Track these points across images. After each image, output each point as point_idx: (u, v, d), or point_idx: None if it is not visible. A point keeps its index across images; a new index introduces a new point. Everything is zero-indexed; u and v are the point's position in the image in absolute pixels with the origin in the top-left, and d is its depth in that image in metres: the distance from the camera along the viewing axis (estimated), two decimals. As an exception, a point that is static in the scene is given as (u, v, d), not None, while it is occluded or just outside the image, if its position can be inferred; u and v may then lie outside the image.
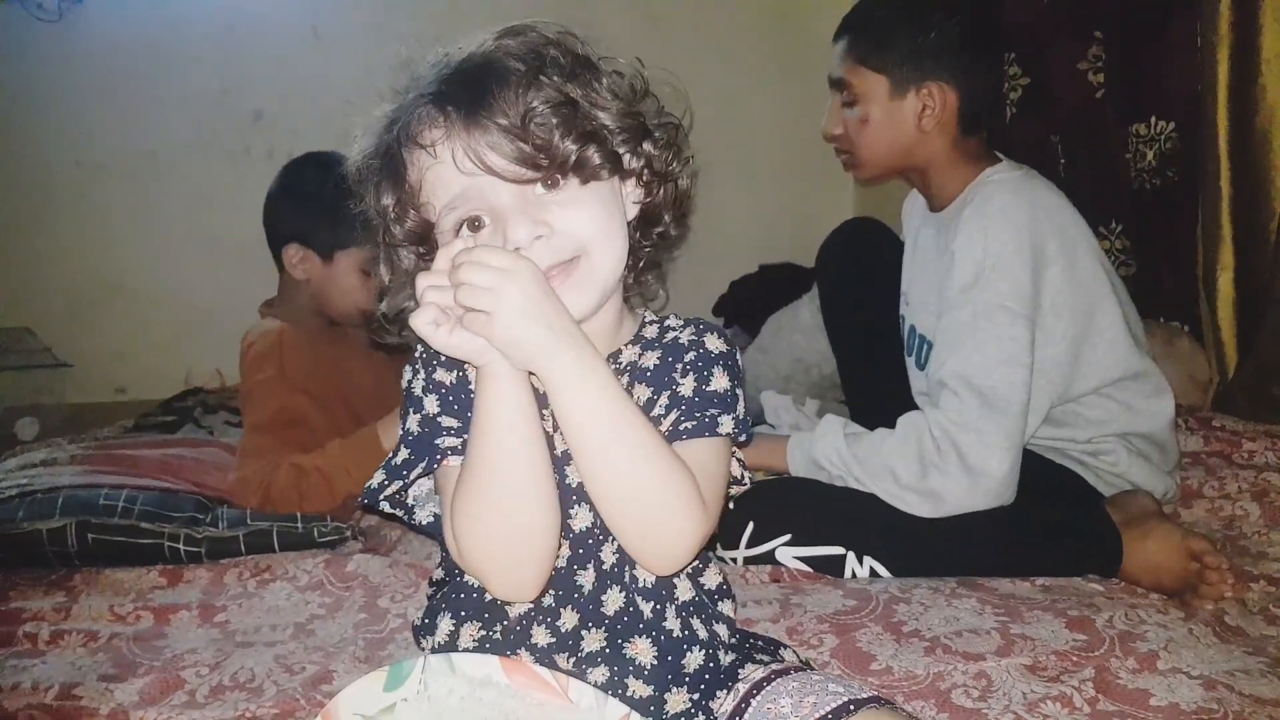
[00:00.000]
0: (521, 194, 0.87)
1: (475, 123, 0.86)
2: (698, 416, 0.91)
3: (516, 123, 0.85)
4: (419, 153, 0.88)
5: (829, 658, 1.21)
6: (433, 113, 0.88)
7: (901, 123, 1.58)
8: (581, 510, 0.92)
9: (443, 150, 0.87)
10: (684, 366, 0.95)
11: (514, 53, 0.88)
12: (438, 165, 0.87)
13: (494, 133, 0.85)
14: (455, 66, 0.90)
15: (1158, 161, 2.37)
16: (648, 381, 0.95)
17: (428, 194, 0.89)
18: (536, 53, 0.89)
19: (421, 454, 0.92)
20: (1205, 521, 1.65)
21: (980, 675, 1.15)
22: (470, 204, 0.88)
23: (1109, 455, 1.56)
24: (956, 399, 1.44)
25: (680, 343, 0.97)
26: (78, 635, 1.33)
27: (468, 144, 0.86)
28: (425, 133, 0.88)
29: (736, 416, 0.93)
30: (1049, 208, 1.51)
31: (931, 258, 1.65)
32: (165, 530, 1.57)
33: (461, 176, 0.87)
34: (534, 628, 0.90)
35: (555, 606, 0.91)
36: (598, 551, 0.92)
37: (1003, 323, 1.44)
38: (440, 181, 0.88)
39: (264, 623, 1.38)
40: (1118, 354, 1.53)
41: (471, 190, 0.87)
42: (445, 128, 0.87)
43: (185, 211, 3.33)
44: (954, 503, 1.42)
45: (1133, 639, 1.22)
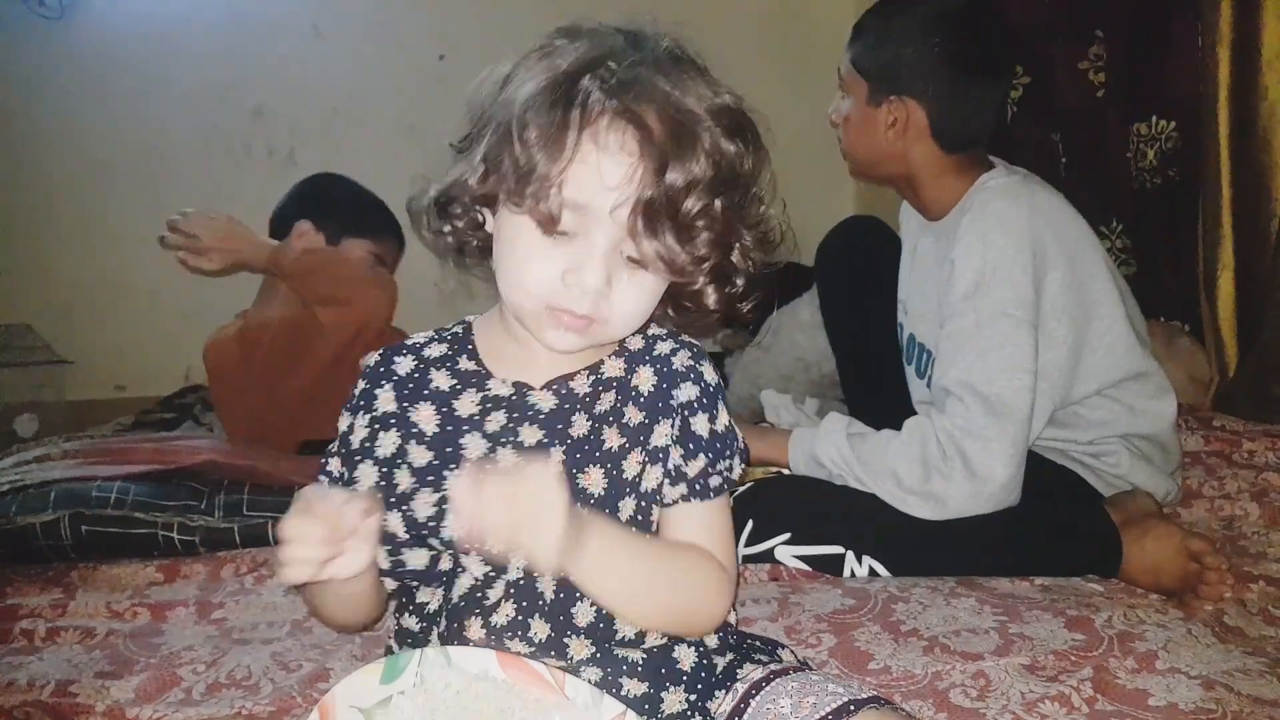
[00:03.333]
0: (616, 247, 0.86)
1: (658, 178, 0.83)
2: (719, 471, 0.95)
3: (686, 217, 0.84)
4: (590, 148, 0.83)
5: (827, 657, 1.20)
6: (629, 132, 0.83)
7: (873, 130, 1.59)
8: None
9: (613, 168, 0.83)
10: (691, 403, 0.95)
11: (719, 145, 0.86)
12: (593, 172, 0.83)
13: (664, 208, 0.83)
14: (670, 104, 0.84)
15: (1159, 161, 2.38)
16: (642, 405, 0.95)
17: (561, 165, 0.83)
18: (737, 160, 0.87)
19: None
20: (1205, 521, 1.65)
21: (979, 675, 1.14)
22: (579, 219, 0.84)
23: (1111, 457, 1.56)
24: (962, 405, 1.43)
25: (675, 368, 0.96)
26: (74, 632, 1.33)
27: (637, 190, 0.83)
28: (613, 135, 0.82)
29: (741, 450, 0.97)
30: (1048, 211, 1.51)
31: (931, 267, 1.65)
32: (159, 520, 1.56)
33: (599, 201, 0.83)
34: (506, 643, 0.89)
35: (522, 619, 0.89)
36: None
37: (1005, 330, 1.43)
38: (581, 183, 0.83)
39: (261, 620, 1.37)
40: (1119, 355, 1.53)
41: (592, 214, 0.84)
42: (630, 157, 0.82)
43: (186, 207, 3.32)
44: (956, 507, 1.42)
45: (1131, 639, 1.21)
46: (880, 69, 1.56)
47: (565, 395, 0.94)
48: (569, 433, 0.92)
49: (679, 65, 0.88)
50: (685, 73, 0.87)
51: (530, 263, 0.87)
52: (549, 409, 0.93)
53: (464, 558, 0.90)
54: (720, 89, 0.89)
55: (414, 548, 0.92)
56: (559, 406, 0.94)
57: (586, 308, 0.86)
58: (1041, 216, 1.49)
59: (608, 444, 0.93)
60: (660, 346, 0.98)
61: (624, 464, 0.92)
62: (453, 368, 0.97)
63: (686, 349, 0.98)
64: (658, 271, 0.87)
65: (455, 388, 0.95)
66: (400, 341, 1.00)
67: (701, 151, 0.84)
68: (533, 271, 0.87)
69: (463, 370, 0.96)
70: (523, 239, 0.87)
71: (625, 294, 0.88)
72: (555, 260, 0.86)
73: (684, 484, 0.94)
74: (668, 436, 0.94)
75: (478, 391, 0.95)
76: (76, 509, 1.54)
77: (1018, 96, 2.73)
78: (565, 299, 0.86)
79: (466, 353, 0.98)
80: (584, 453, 0.92)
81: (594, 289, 0.85)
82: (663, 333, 0.99)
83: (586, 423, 0.93)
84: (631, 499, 0.92)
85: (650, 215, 0.83)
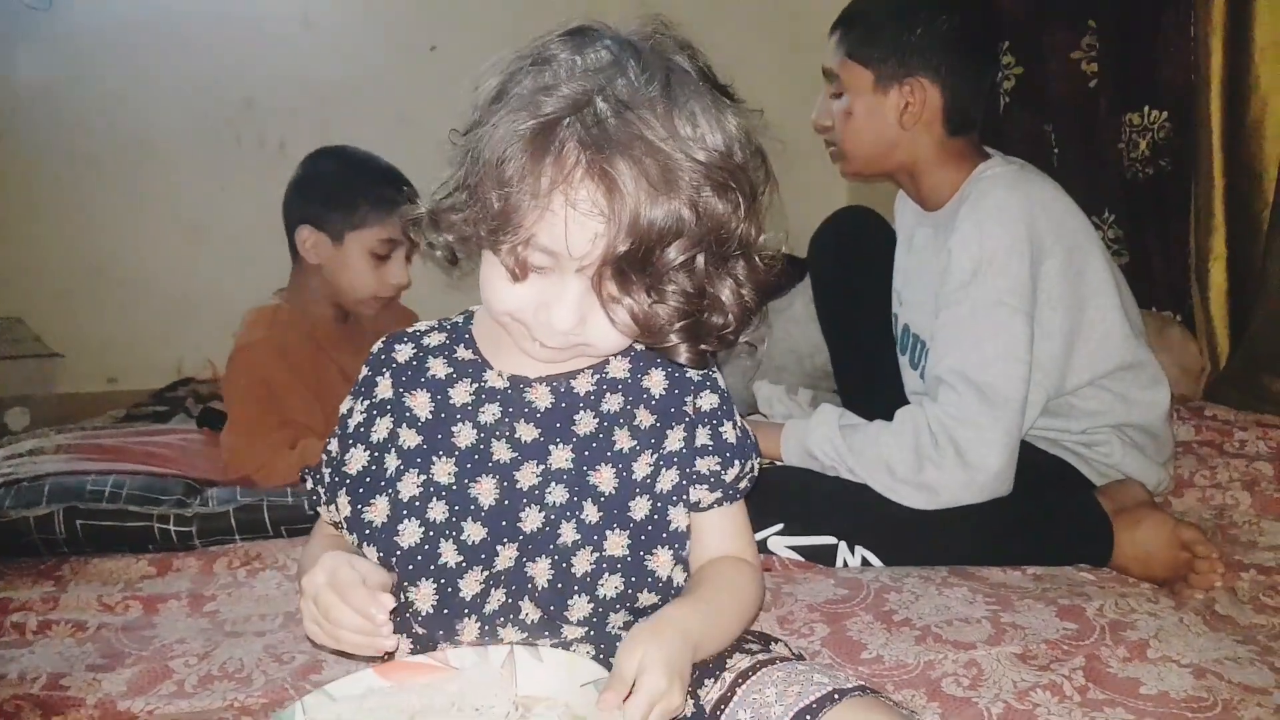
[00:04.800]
0: (588, 293, 0.85)
1: (632, 237, 0.80)
2: (747, 473, 0.98)
3: (659, 280, 0.83)
4: (563, 194, 0.80)
5: (820, 646, 1.20)
6: (608, 180, 0.79)
7: (883, 118, 1.57)
8: (531, 511, 0.91)
9: (581, 226, 0.80)
10: (716, 411, 0.96)
11: (702, 202, 0.83)
12: (564, 226, 0.80)
13: (635, 269, 0.82)
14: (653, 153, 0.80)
15: (1151, 151, 2.37)
16: (653, 408, 0.95)
17: (534, 215, 0.81)
18: (721, 215, 0.84)
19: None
20: (1196, 510, 1.65)
21: (971, 664, 1.14)
22: (551, 261, 0.83)
23: (1103, 446, 1.56)
24: (955, 394, 1.43)
25: (690, 375, 0.96)
26: (66, 625, 1.33)
27: (608, 246, 0.81)
28: (584, 194, 0.80)
29: (755, 445, 1.00)
30: (1044, 201, 1.51)
31: (928, 257, 1.64)
32: (154, 513, 1.56)
33: (568, 251, 0.81)
34: (500, 630, 0.90)
35: (513, 602, 0.90)
36: (558, 556, 0.90)
37: (1001, 319, 1.43)
38: (553, 231, 0.81)
39: (253, 612, 1.37)
40: (1113, 345, 1.53)
41: (563, 262, 0.83)
42: (603, 211, 0.80)
43: (176, 199, 3.32)
44: (949, 496, 1.42)
45: (1123, 628, 1.22)
46: (888, 53, 1.55)
47: (565, 393, 0.95)
48: (573, 430, 0.93)
49: (680, 95, 0.83)
50: (684, 107, 0.83)
51: (505, 292, 0.87)
52: (545, 406, 0.94)
53: (444, 543, 0.90)
54: (724, 122, 0.85)
55: (396, 533, 0.91)
56: (556, 404, 0.94)
57: (561, 341, 0.87)
58: (1038, 206, 1.49)
59: (618, 444, 0.93)
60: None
61: (635, 465, 0.93)
62: (450, 356, 0.98)
63: None
64: (628, 330, 0.86)
65: (451, 376, 0.96)
66: (402, 330, 1.02)
67: (681, 206, 0.81)
68: (508, 301, 0.87)
69: (460, 359, 0.97)
70: (497, 270, 0.86)
71: (599, 326, 0.87)
72: (530, 292, 0.86)
73: (720, 490, 0.96)
74: (682, 441, 0.94)
75: (473, 381, 0.96)
76: (71, 503, 1.54)
77: (1010, 87, 2.72)
78: (538, 329, 0.87)
79: (464, 342, 0.99)
80: (593, 451, 0.93)
81: (564, 330, 0.85)
82: None
83: (594, 420, 0.94)
84: (645, 499, 0.92)
85: (619, 272, 0.82)
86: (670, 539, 0.93)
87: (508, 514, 0.91)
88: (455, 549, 0.90)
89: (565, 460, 0.93)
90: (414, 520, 0.90)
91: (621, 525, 0.91)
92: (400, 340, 1.00)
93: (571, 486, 0.92)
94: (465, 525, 0.90)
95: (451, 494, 0.91)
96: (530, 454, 0.93)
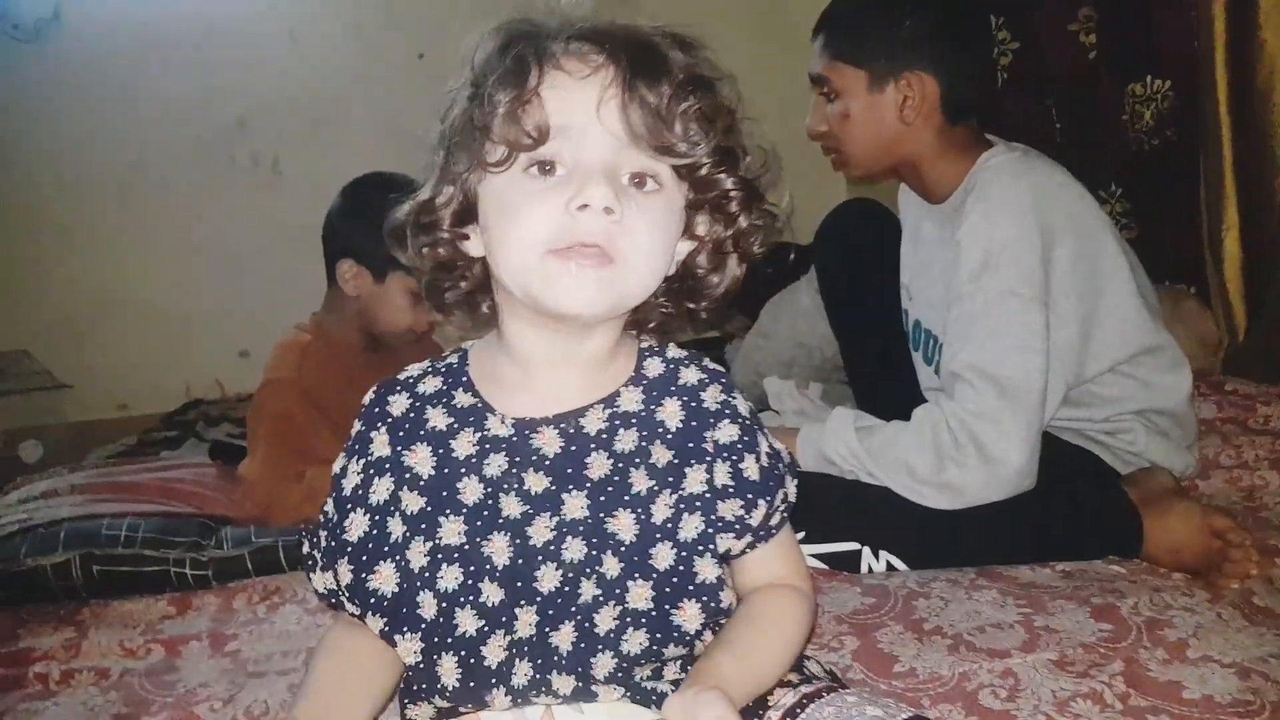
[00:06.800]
0: (615, 169, 0.81)
1: (633, 80, 0.80)
2: (778, 507, 0.93)
3: (670, 105, 0.81)
4: (556, 73, 0.81)
5: (850, 660, 1.18)
6: (588, 49, 0.81)
7: (883, 116, 1.54)
8: (548, 570, 0.85)
9: (583, 82, 0.81)
10: (735, 444, 0.90)
11: (677, 42, 0.85)
12: (565, 92, 0.81)
13: (644, 101, 0.80)
14: (619, 27, 0.84)
15: (1155, 122, 2.33)
16: (670, 443, 0.89)
17: (530, 90, 0.81)
18: (697, 66, 0.85)
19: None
20: (1224, 493, 1.62)
21: (1007, 673, 1.12)
22: (563, 145, 0.80)
23: (1127, 434, 1.53)
24: (972, 389, 1.40)
25: (707, 406, 0.91)
26: (88, 674, 1.31)
27: (616, 93, 0.80)
28: (574, 60, 0.81)
29: (789, 466, 0.96)
30: (1051, 186, 1.48)
31: (935, 251, 1.62)
32: (170, 556, 1.55)
33: (580, 115, 0.80)
34: (532, 701, 0.86)
35: (542, 676, 0.85)
36: (580, 616, 0.85)
37: (1014, 309, 1.41)
38: (556, 107, 0.80)
39: (275, 650, 1.35)
40: (1130, 330, 1.50)
41: (577, 132, 0.80)
42: (596, 68, 0.81)
43: (174, 223, 3.32)
44: (973, 495, 1.39)
45: (1160, 626, 1.19)
46: (879, 50, 1.52)
47: (574, 435, 0.89)
48: (585, 475, 0.87)
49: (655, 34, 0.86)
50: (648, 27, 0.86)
51: (525, 209, 0.81)
52: (555, 452, 0.88)
53: (460, 611, 0.85)
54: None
55: (408, 604, 0.86)
56: (565, 448, 0.88)
57: (599, 235, 0.79)
58: (1045, 192, 1.46)
59: (635, 487, 0.88)
60: (685, 375, 0.93)
61: (653, 507, 0.87)
62: (449, 404, 0.91)
63: (715, 381, 0.93)
64: (659, 173, 0.83)
65: (452, 426, 0.90)
66: (394, 377, 0.96)
67: (662, 52, 0.83)
68: (531, 216, 0.81)
69: (459, 407, 0.91)
70: (513, 190, 0.82)
71: (636, 222, 0.81)
72: (553, 197, 0.80)
73: (750, 534, 0.91)
74: (704, 484, 0.88)
75: (475, 430, 0.89)
76: (87, 549, 1.53)
77: (1006, 64, 2.68)
78: (573, 230, 0.79)
79: (462, 385, 0.92)
80: (609, 495, 0.87)
81: (602, 201, 0.78)
82: (684, 356, 0.95)
83: (608, 462, 0.88)
84: (669, 547, 0.87)
85: (634, 104, 0.80)
86: (697, 591, 0.86)
87: (523, 574, 0.85)
88: (474, 614, 0.85)
89: (580, 509, 0.87)
90: (428, 592, 0.86)
91: (644, 575, 0.86)
92: (393, 390, 0.93)
93: (589, 538, 0.86)
94: (482, 587, 0.85)
95: (464, 555, 0.86)
96: (542, 506, 0.87)
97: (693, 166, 0.84)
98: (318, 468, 1.73)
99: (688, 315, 0.94)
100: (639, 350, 0.94)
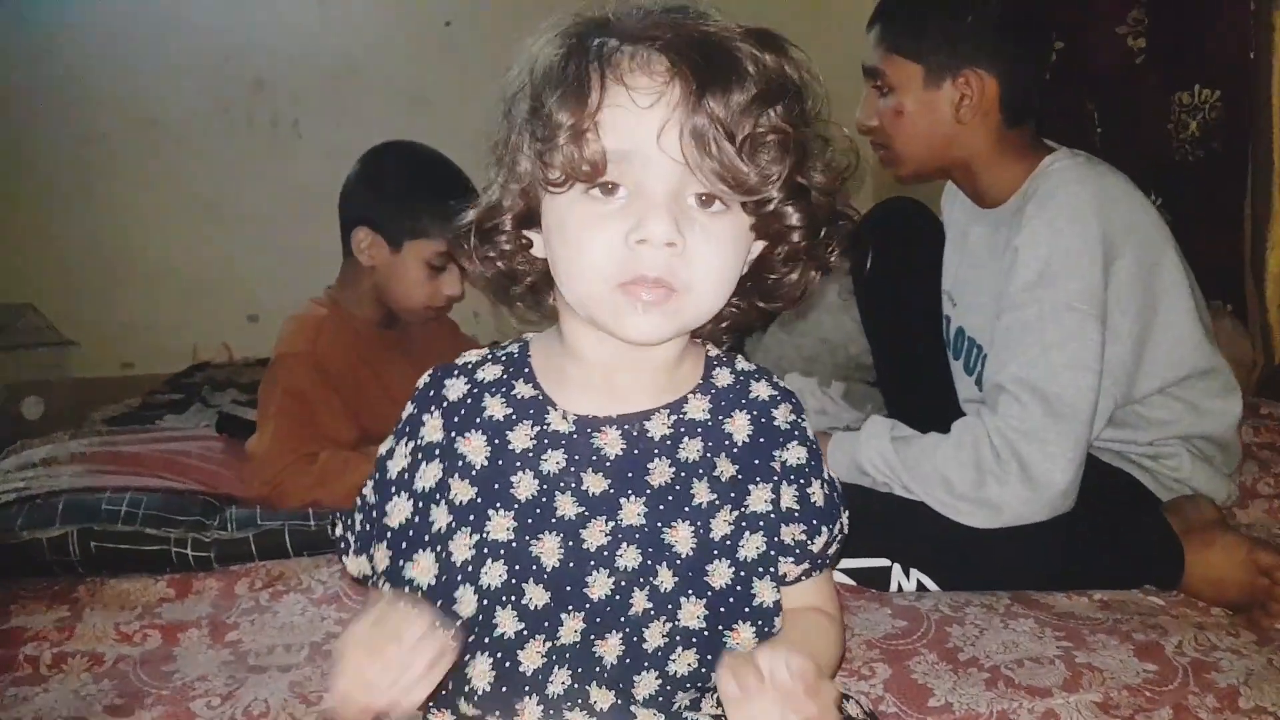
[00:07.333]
0: (678, 192, 0.77)
1: (700, 99, 0.74)
2: (836, 537, 0.90)
3: (741, 128, 0.75)
4: (618, 89, 0.76)
5: (883, 691, 1.13)
6: (655, 59, 0.76)
7: (938, 114, 1.47)
8: (600, 576, 0.82)
9: (647, 102, 0.75)
10: (803, 468, 0.87)
11: (756, 56, 0.78)
12: (627, 113, 0.75)
13: (713, 123, 0.74)
14: (692, 29, 0.78)
15: (1201, 132, 2.27)
16: (736, 458, 0.86)
17: (590, 114, 0.77)
18: (781, 70, 0.79)
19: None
20: (1264, 524, 1.57)
21: (1049, 714, 1.07)
22: (626, 169, 0.76)
23: (1171, 460, 1.47)
24: (1018, 404, 1.34)
25: (778, 424, 0.88)
26: (81, 658, 1.25)
27: (680, 115, 0.75)
28: (638, 74, 0.76)
29: (843, 497, 0.92)
30: (1117, 196, 1.41)
31: (984, 257, 1.55)
32: (171, 535, 1.49)
33: (642, 140, 0.75)
34: (566, 715, 0.81)
35: (580, 686, 0.81)
36: (629, 629, 0.82)
37: (1070, 324, 1.34)
38: (617, 129, 0.75)
39: (278, 642, 1.30)
40: (1184, 350, 1.44)
41: (639, 158, 0.75)
42: (662, 84, 0.75)
43: (189, 182, 3.26)
44: (1011, 514, 1.33)
45: (1207, 669, 1.14)
46: (938, 45, 1.45)
47: (637, 438, 0.84)
48: (647, 481, 0.83)
49: (689, 9, 0.80)
50: (698, 13, 0.80)
51: (587, 238, 0.77)
52: (616, 454, 0.83)
53: (500, 611, 0.81)
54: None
55: (445, 598, 0.82)
56: (628, 451, 0.84)
57: (660, 268, 0.76)
58: (1111, 202, 1.39)
59: (696, 498, 0.84)
60: (756, 389, 0.89)
61: (713, 522, 0.84)
62: (508, 394, 0.86)
63: (786, 400, 0.90)
64: (726, 196, 0.77)
65: (510, 417, 0.85)
66: (451, 363, 0.90)
67: (738, 61, 0.76)
68: (593, 246, 0.77)
69: (520, 398, 0.86)
70: (574, 216, 0.78)
71: (700, 249, 0.77)
72: (614, 226, 0.76)
73: (808, 561, 0.88)
74: (769, 503, 0.85)
75: (534, 424, 0.85)
76: (85, 524, 1.47)
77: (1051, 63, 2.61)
78: (635, 265, 0.76)
79: (523, 376, 0.87)
80: (669, 505, 0.83)
81: (662, 237, 0.74)
82: (753, 369, 0.91)
83: (670, 470, 0.84)
84: (726, 565, 0.83)
85: (700, 132, 0.74)
86: (754, 614, 0.83)
87: (573, 578, 0.81)
88: (515, 616, 0.81)
89: (637, 515, 0.83)
90: (468, 587, 0.81)
91: (698, 593, 0.82)
92: (451, 374, 0.88)
93: (644, 547, 0.82)
94: (526, 588, 0.81)
95: (511, 553, 0.82)
96: (599, 509, 0.83)
97: (760, 202, 0.79)
98: (331, 450, 1.68)
99: (759, 315, 0.89)
100: (707, 358, 0.91)
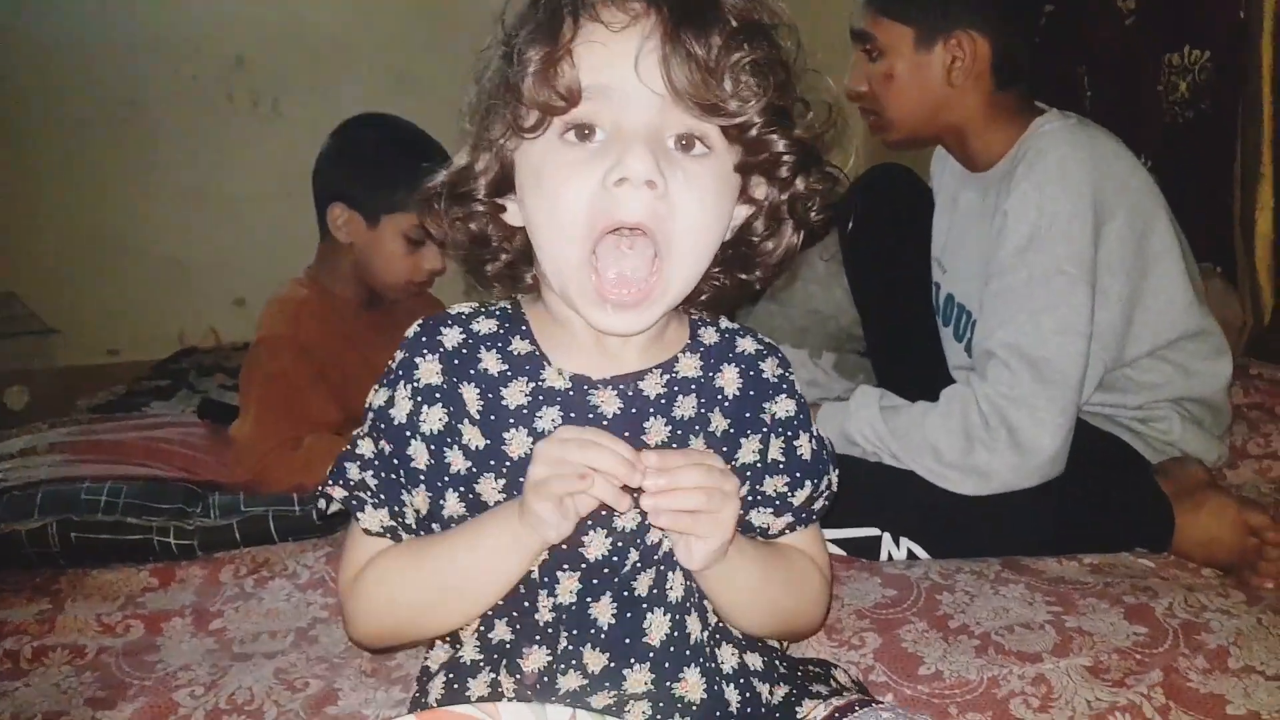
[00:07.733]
0: (658, 132, 0.74)
1: (677, 30, 0.72)
2: (822, 493, 0.89)
3: (719, 57, 0.72)
4: (593, 25, 0.73)
5: (873, 660, 1.11)
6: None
7: (929, 77, 1.44)
8: (597, 537, 0.80)
9: (622, 34, 0.73)
10: (792, 420, 0.87)
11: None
12: (602, 47, 0.73)
13: (689, 53, 0.72)
14: None
15: (1191, 94, 2.24)
16: (727, 411, 0.85)
17: (563, 46, 0.75)
18: (753, 2, 0.77)
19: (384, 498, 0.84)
20: (1254, 484, 1.56)
21: (1039, 680, 1.06)
22: (603, 106, 0.73)
23: (1161, 423, 1.46)
24: (1007, 370, 1.33)
25: (766, 377, 0.87)
26: (63, 651, 1.23)
27: (655, 44, 0.72)
28: (612, 9, 0.73)
29: (832, 454, 0.90)
30: (1108, 158, 1.39)
31: (974, 222, 1.53)
32: (153, 524, 1.47)
33: (618, 73, 0.73)
34: (558, 677, 0.80)
35: (574, 649, 0.80)
36: (620, 582, 0.82)
37: (1060, 289, 1.33)
38: (592, 64, 0.73)
39: (263, 629, 1.28)
40: (1174, 313, 1.43)
41: (616, 92, 0.73)
42: (637, 16, 0.73)
43: (171, 163, 3.21)
44: (1001, 481, 1.32)
45: (1197, 630, 1.13)
46: (930, 6, 1.42)
47: (633, 398, 0.82)
48: (643, 441, 0.81)
49: None
50: None
51: (563, 181, 0.74)
52: (613, 413, 0.81)
53: None
54: None
55: None
56: (624, 410, 0.82)
57: (640, 213, 0.73)
58: (1103, 164, 1.37)
59: None
60: (742, 344, 0.88)
61: None
62: (504, 349, 0.83)
63: (772, 354, 0.89)
64: (707, 135, 0.75)
65: (505, 373, 0.82)
66: (443, 312, 0.87)
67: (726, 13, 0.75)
68: (568, 191, 0.74)
69: (515, 353, 0.83)
70: (549, 163, 0.75)
71: (682, 195, 0.74)
72: (591, 170, 0.73)
73: (790, 514, 0.87)
74: (757, 454, 0.85)
75: (529, 381, 0.82)
76: (65, 515, 1.45)
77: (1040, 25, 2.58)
78: (613, 209, 0.73)
79: (520, 332, 0.85)
80: None
81: (642, 174, 0.72)
82: (737, 326, 0.89)
83: (665, 428, 0.82)
84: None
85: (677, 59, 0.72)
86: None
87: (570, 538, 0.78)
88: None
89: None
90: None
91: None
92: (445, 323, 0.84)
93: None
94: None
95: None
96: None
97: (743, 127, 0.75)
98: (316, 433, 1.66)
99: (740, 286, 0.87)
100: (691, 320, 0.89)
